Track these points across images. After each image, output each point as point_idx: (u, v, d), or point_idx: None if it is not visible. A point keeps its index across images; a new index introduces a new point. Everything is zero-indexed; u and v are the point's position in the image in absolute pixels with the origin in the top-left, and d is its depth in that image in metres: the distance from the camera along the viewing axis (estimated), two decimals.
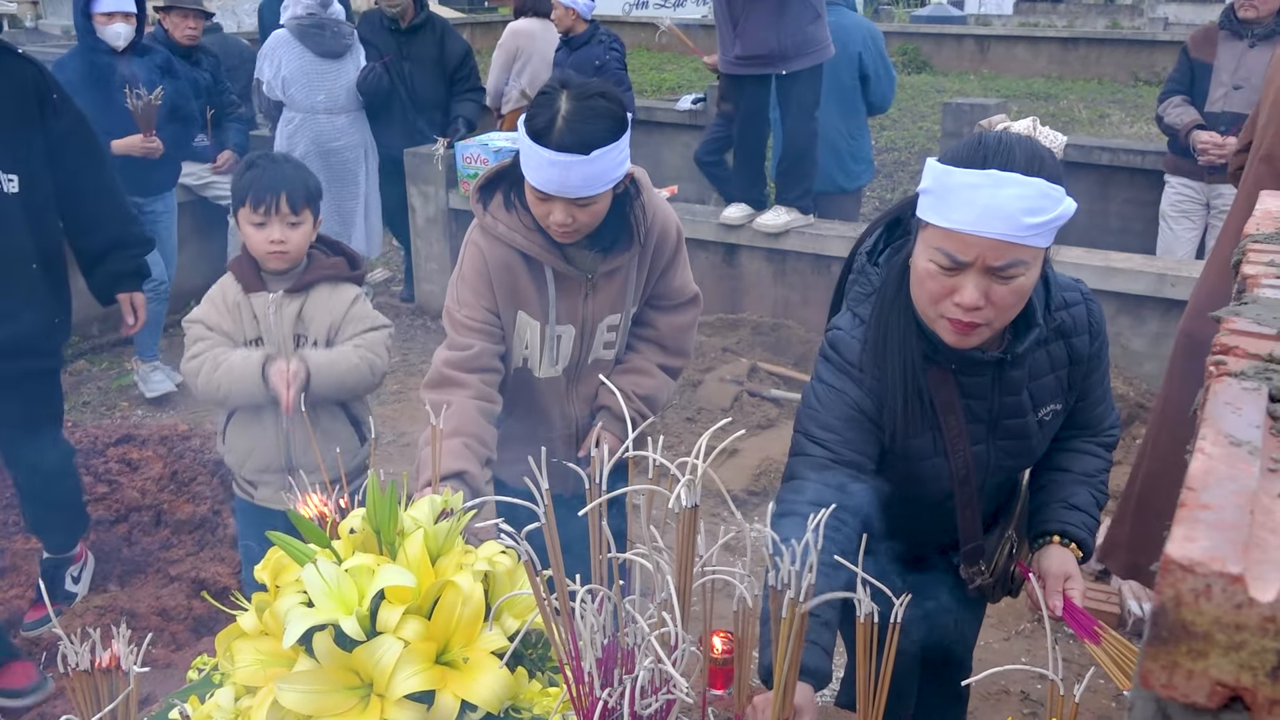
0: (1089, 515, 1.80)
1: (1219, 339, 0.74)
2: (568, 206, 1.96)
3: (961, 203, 1.46)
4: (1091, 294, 1.78)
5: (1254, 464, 0.55)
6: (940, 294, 1.53)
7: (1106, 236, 6.10)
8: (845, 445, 1.67)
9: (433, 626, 1.37)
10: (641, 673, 1.20)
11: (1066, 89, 12.61)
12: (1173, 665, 0.48)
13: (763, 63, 4.46)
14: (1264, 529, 0.50)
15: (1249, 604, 0.45)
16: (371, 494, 1.44)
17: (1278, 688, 0.46)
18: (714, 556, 1.34)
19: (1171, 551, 0.47)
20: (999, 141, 1.49)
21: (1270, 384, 0.66)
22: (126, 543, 3.30)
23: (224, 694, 1.42)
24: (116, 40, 4.33)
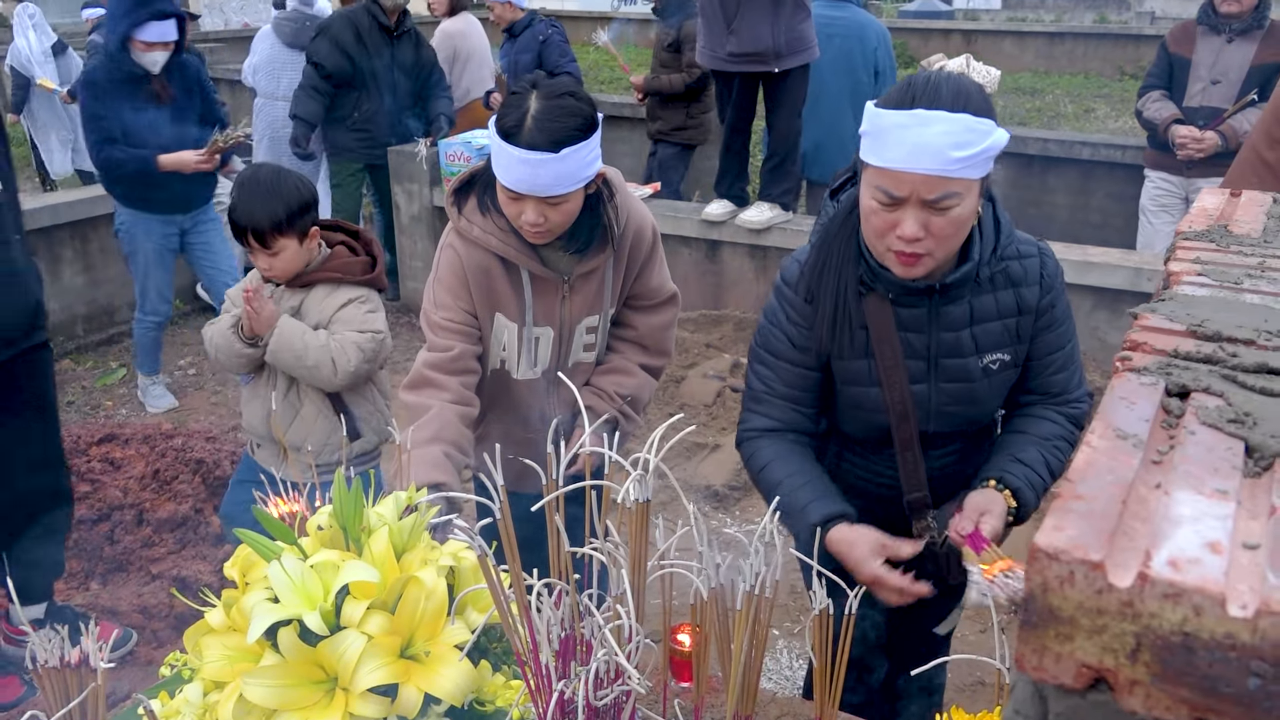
0: (1033, 471, 1.80)
1: (1129, 335, 0.76)
2: (539, 205, 1.98)
3: (893, 142, 1.58)
4: (1051, 251, 1.83)
5: (1136, 456, 0.58)
6: (884, 229, 1.64)
7: (1087, 231, 6.14)
8: (779, 380, 1.87)
9: (396, 621, 1.39)
10: (596, 664, 1.22)
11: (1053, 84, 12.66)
12: (1042, 648, 0.50)
13: (756, 60, 4.49)
14: (1136, 519, 0.52)
15: (1108, 589, 0.48)
16: (338, 491, 1.46)
17: (1137, 669, 0.48)
18: (671, 550, 1.37)
19: (1039, 540, 0.49)
20: (926, 82, 1.59)
21: (1169, 379, 0.68)
22: (108, 541, 3.32)
23: (192, 689, 1.44)
24: (154, 67, 4.27)
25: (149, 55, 4.23)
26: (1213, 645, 0.46)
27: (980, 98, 1.59)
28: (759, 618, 1.31)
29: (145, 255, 4.47)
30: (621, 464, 1.24)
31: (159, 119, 4.31)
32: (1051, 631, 0.50)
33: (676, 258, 5.29)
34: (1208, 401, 0.65)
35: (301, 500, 1.63)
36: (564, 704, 1.26)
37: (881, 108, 1.61)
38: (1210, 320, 0.78)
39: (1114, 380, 0.69)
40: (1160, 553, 0.49)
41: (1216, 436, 0.61)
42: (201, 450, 3.75)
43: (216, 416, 4.66)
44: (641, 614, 1.27)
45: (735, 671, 1.34)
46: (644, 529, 1.26)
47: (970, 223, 1.66)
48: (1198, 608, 0.46)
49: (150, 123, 4.29)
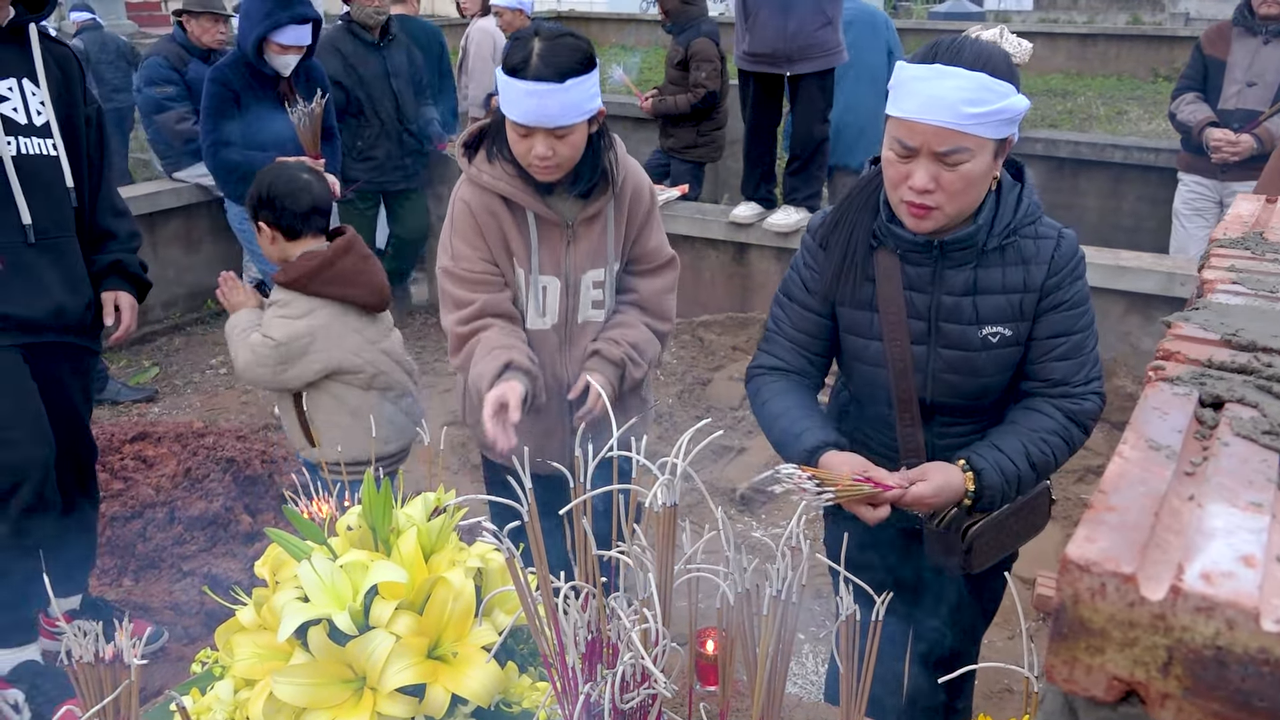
0: (1007, 458, 1.78)
1: (1162, 344, 0.76)
2: (547, 138, 2.08)
3: (909, 93, 1.64)
4: (1074, 239, 1.82)
5: (1169, 468, 0.57)
6: (898, 179, 1.70)
7: (1119, 234, 6.08)
8: (790, 323, 1.95)
9: (424, 621, 1.40)
10: (622, 668, 1.22)
11: (1085, 85, 12.53)
12: (1073, 660, 0.50)
13: (768, 61, 4.49)
14: (1169, 531, 0.52)
15: (1140, 602, 0.48)
16: (367, 492, 1.48)
17: (1169, 682, 0.48)
18: (698, 554, 1.37)
19: (1070, 551, 0.49)
20: (952, 42, 1.65)
21: (1203, 389, 0.68)
22: (141, 538, 3.36)
23: (223, 686, 1.46)
24: (286, 70, 4.28)
25: (283, 58, 4.24)
26: (1246, 660, 0.46)
27: (1003, 62, 1.63)
28: (785, 623, 1.30)
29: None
30: (650, 468, 1.25)
31: (281, 122, 4.26)
32: (1082, 643, 0.49)
33: (704, 260, 5.28)
34: (1242, 412, 0.65)
35: (331, 502, 1.65)
36: (590, 706, 1.27)
37: (908, 62, 1.67)
38: (1245, 329, 0.77)
39: (1147, 390, 0.68)
40: (1193, 566, 0.48)
41: (1251, 448, 0.60)
42: (232, 449, 3.79)
43: (247, 416, 4.70)
44: (668, 618, 1.27)
45: (761, 677, 1.34)
46: (671, 533, 1.26)
47: (983, 183, 1.69)
48: (1231, 621, 0.46)
49: (272, 125, 4.26)
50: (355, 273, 2.68)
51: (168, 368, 5.23)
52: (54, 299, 2.59)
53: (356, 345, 2.69)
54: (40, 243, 2.57)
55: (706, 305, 5.30)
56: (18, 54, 2.58)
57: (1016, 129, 1.71)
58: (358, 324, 2.71)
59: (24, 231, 2.53)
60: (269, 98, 4.30)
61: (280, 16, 4.16)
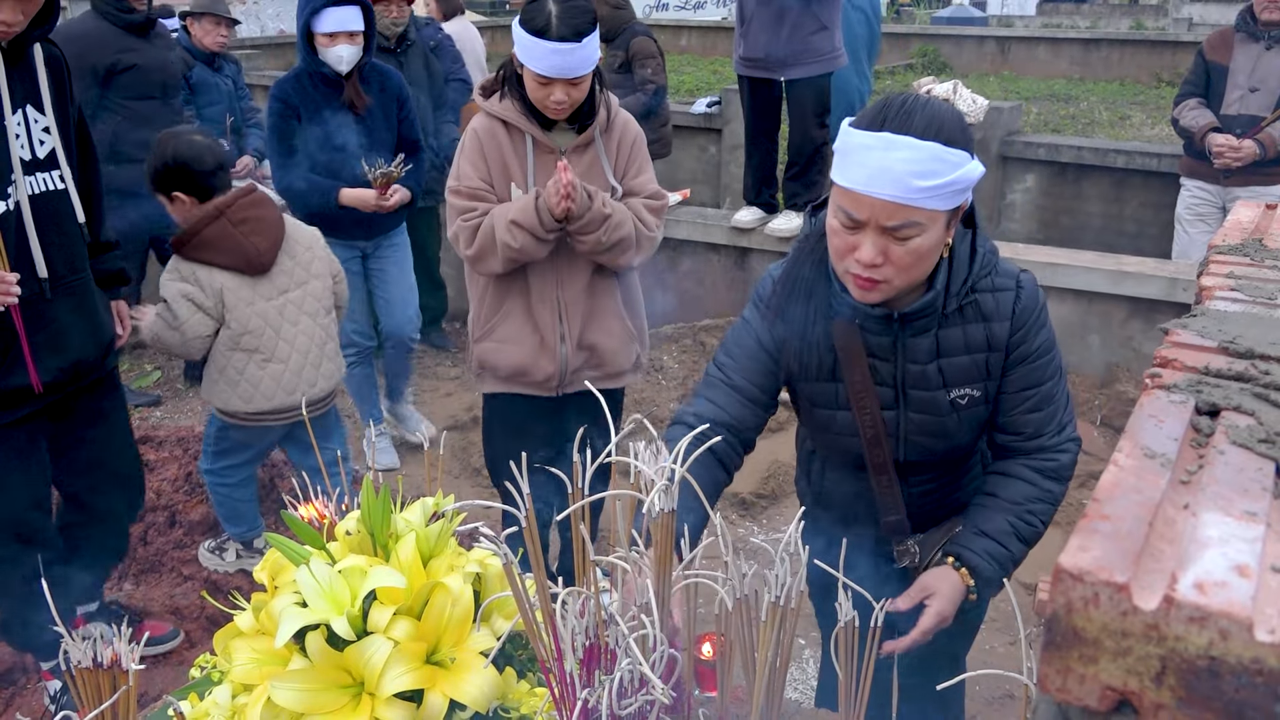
0: (997, 543, 1.74)
1: (1160, 351, 0.75)
2: (565, 87, 2.52)
3: (856, 163, 1.53)
4: (1032, 286, 1.74)
5: (1164, 476, 0.57)
6: (844, 250, 1.60)
7: (1122, 240, 6.07)
8: (738, 372, 1.81)
9: (423, 627, 1.40)
10: (620, 673, 1.22)
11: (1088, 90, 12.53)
12: (1066, 670, 0.50)
13: (762, 66, 4.51)
14: (1163, 540, 0.52)
15: (1133, 612, 0.47)
16: (366, 497, 1.48)
17: (1163, 692, 0.48)
18: (698, 559, 1.37)
19: (1063, 561, 0.49)
20: (901, 105, 1.54)
21: (1199, 396, 0.67)
22: (142, 542, 3.36)
23: (221, 691, 1.46)
24: (339, 64, 3.65)
25: (332, 50, 3.62)
26: (1239, 670, 0.46)
27: (956, 128, 1.54)
28: (784, 628, 1.30)
29: None
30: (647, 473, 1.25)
31: (347, 132, 3.73)
32: (1075, 653, 0.49)
33: (706, 265, 5.28)
34: (1238, 420, 0.64)
35: (330, 506, 1.65)
36: (588, 713, 1.27)
37: (854, 126, 1.57)
38: (1242, 337, 0.77)
39: (1143, 397, 0.68)
40: (1186, 575, 0.48)
41: (1247, 457, 0.60)
42: None
43: None
44: (665, 623, 1.27)
45: (760, 682, 1.34)
46: (669, 538, 1.26)
47: (934, 255, 1.61)
48: (1224, 632, 0.46)
49: (336, 137, 3.72)
50: (221, 238, 2.89)
51: (169, 372, 5.23)
52: (73, 354, 2.45)
53: (231, 304, 2.94)
54: (58, 292, 2.39)
55: (708, 309, 5.30)
56: (20, 74, 2.32)
57: (970, 194, 1.63)
58: (233, 285, 2.94)
59: (41, 285, 2.34)
60: (333, 107, 3.74)
61: (319, 1, 3.58)
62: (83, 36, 4.12)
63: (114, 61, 4.16)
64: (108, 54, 4.14)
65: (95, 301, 2.52)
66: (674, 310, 5.31)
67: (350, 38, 3.64)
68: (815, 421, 1.85)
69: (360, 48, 3.68)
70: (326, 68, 3.67)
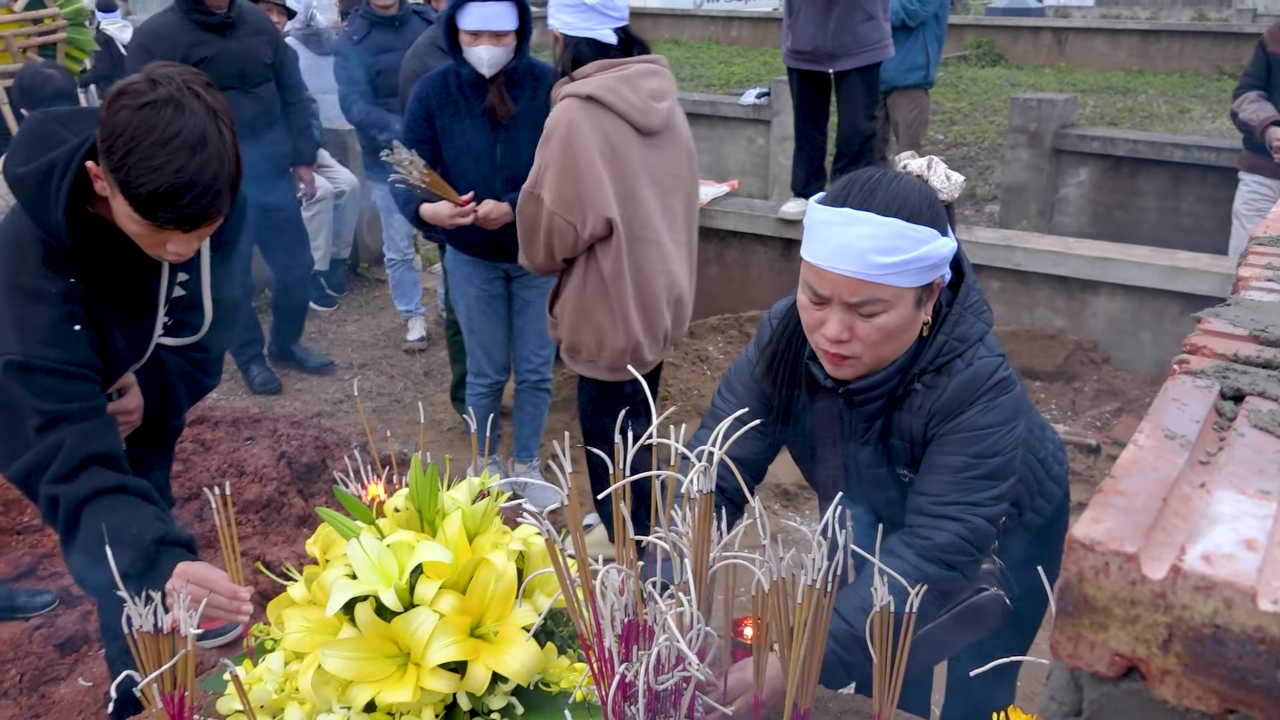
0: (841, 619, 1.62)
1: (1190, 339, 0.77)
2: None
3: (818, 239, 1.53)
4: (963, 383, 1.62)
5: (1182, 456, 0.59)
6: (812, 326, 1.59)
7: (1178, 235, 5.98)
8: (738, 406, 1.77)
9: (467, 601, 1.44)
10: (658, 648, 1.25)
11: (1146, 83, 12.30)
12: (1077, 636, 0.52)
13: (810, 58, 4.50)
14: (1176, 515, 0.54)
15: (1142, 580, 0.49)
16: (414, 475, 1.52)
17: (1169, 659, 0.50)
18: (736, 543, 1.40)
19: (1075, 531, 0.51)
20: (867, 180, 1.53)
21: (1225, 382, 0.69)
22: (198, 518, 3.46)
23: (274, 658, 1.52)
24: (482, 66, 3.24)
25: (474, 50, 3.21)
26: (1243, 638, 0.48)
27: (923, 204, 1.52)
28: (820, 612, 1.33)
29: (468, 304, 3.62)
30: (687, 455, 1.28)
31: (482, 142, 3.35)
32: (1086, 620, 0.51)
33: (752, 256, 5.29)
34: (1261, 405, 0.66)
35: (380, 483, 1.70)
36: (625, 687, 1.30)
37: (819, 202, 1.57)
38: (1275, 326, 0.78)
39: (1169, 382, 0.70)
40: (1195, 547, 0.50)
41: (1266, 439, 0.61)
42: (286, 435, 3.88)
43: (301, 403, 4.81)
44: (703, 602, 1.30)
45: (794, 665, 1.36)
46: (707, 519, 1.29)
47: (906, 332, 1.58)
48: (1229, 601, 0.48)
49: (473, 146, 3.36)
50: None
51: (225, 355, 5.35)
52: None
53: None
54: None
55: (754, 301, 5.31)
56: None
57: (947, 270, 1.61)
58: None
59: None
60: (475, 113, 3.35)
61: None
62: (158, 31, 4.34)
63: (185, 55, 4.25)
64: (180, 48, 4.26)
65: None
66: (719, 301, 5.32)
67: (496, 38, 3.22)
68: (800, 470, 1.91)
69: (509, 49, 3.26)
70: (470, 68, 3.28)
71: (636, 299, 2.92)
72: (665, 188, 2.95)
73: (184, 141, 1.66)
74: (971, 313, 1.65)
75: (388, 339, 5.61)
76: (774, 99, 7.26)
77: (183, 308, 2.10)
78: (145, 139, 1.65)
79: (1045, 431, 1.91)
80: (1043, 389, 4.62)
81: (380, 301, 6.13)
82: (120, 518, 1.78)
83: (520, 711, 1.44)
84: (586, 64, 2.82)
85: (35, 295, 1.84)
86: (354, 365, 5.28)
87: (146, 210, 1.69)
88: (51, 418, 1.80)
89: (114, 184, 1.70)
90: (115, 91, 1.70)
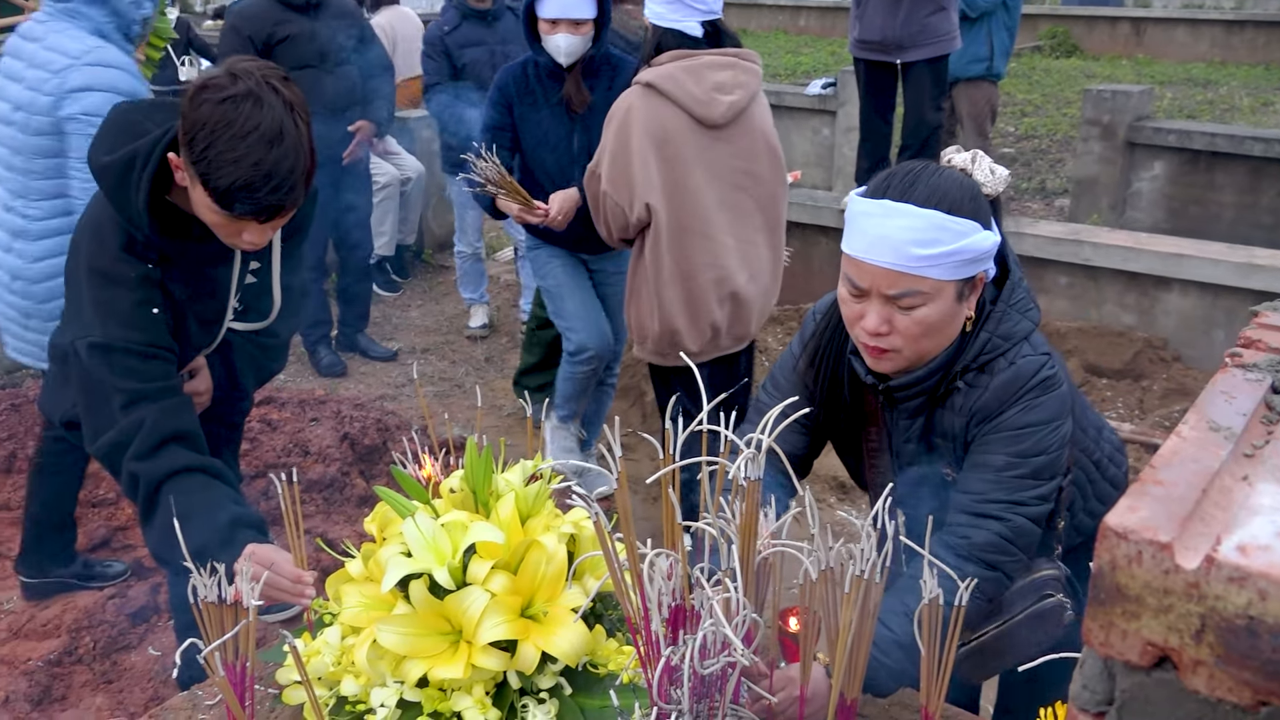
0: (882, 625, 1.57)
1: (1245, 332, 0.76)
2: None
3: (857, 230, 1.53)
4: (1006, 381, 1.60)
5: (1225, 448, 0.58)
6: (852, 319, 1.59)
7: (1257, 232, 5.80)
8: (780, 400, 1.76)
9: (518, 581, 1.47)
10: (704, 632, 1.27)
11: (1229, 75, 11.93)
12: (1109, 625, 0.52)
13: (878, 49, 4.46)
14: (1215, 507, 0.53)
15: (1175, 570, 0.49)
16: (470, 457, 1.56)
17: (1202, 649, 0.50)
18: (784, 531, 1.40)
19: (1109, 519, 0.51)
20: (907, 173, 1.52)
21: (1277, 376, 0.68)
22: (264, 496, 3.55)
23: (332, 632, 1.56)
24: (559, 55, 3.25)
25: (552, 39, 3.20)
26: (1277, 630, 0.47)
27: (965, 197, 1.51)
28: (867, 602, 1.33)
29: (556, 279, 3.56)
30: (735, 443, 1.28)
31: (559, 131, 3.34)
32: (1119, 609, 0.51)
33: (814, 247, 5.26)
34: None
35: (436, 464, 1.74)
36: (671, 671, 1.31)
37: (860, 195, 1.57)
38: None
39: (1218, 374, 0.69)
40: (1231, 538, 0.50)
41: None
42: (350, 417, 3.97)
43: (365, 386, 4.90)
44: (749, 588, 1.30)
45: (841, 654, 1.36)
46: (755, 507, 1.30)
47: (947, 327, 1.56)
48: (1263, 592, 0.47)
49: (550, 136, 3.36)
50: None
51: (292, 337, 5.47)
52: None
53: None
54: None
55: (814, 293, 5.27)
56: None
57: (991, 265, 1.59)
58: None
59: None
60: (552, 103, 3.33)
61: None
62: (245, 11, 4.57)
63: (270, 34, 4.44)
64: (265, 27, 4.44)
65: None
66: None
67: (574, 26, 3.19)
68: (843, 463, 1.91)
69: (587, 38, 3.24)
70: (547, 56, 3.28)
71: (679, 288, 2.94)
72: (732, 183, 2.94)
73: (262, 135, 1.71)
74: (1017, 310, 1.63)
75: (450, 324, 5.68)
76: (840, 89, 7.19)
77: (253, 294, 2.17)
78: (225, 132, 1.71)
79: (1102, 432, 1.87)
80: (1109, 387, 4.53)
81: (444, 288, 6.21)
82: (197, 498, 1.84)
83: (568, 692, 1.47)
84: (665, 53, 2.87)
85: (115, 280, 1.91)
86: (416, 350, 5.36)
87: (225, 201, 1.75)
88: (134, 396, 1.87)
89: (194, 175, 1.76)
90: (197, 85, 1.76)
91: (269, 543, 1.84)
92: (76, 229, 2.05)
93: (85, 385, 1.92)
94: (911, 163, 1.57)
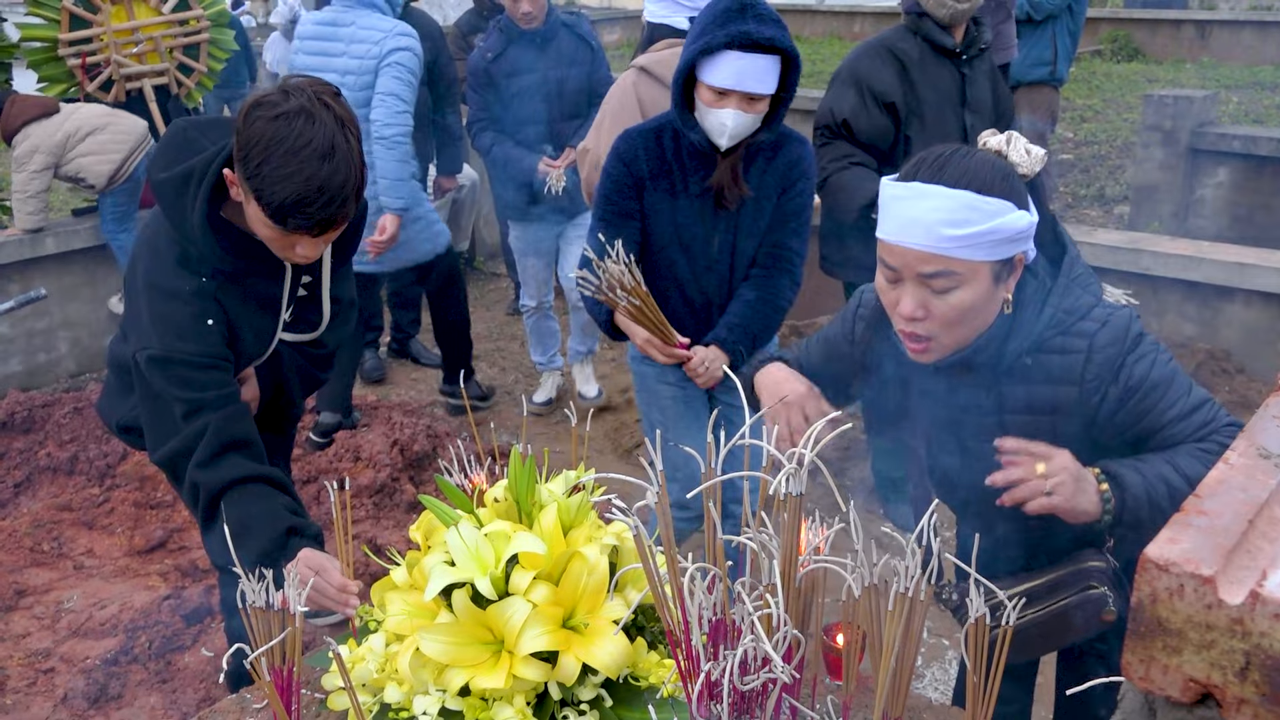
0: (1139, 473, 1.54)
1: None
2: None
3: (889, 214, 1.55)
4: (1110, 340, 1.57)
5: (1276, 476, 0.56)
6: (890, 305, 1.60)
7: None
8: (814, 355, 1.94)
9: (560, 592, 1.47)
10: (744, 648, 1.26)
11: None
12: (1149, 659, 0.50)
13: None
14: (1263, 538, 0.52)
15: (1218, 605, 0.48)
16: (513, 467, 1.56)
17: (1246, 688, 0.48)
18: (828, 546, 1.39)
19: (1149, 551, 0.50)
20: (937, 156, 1.53)
21: None
22: (315, 501, 3.60)
23: (376, 639, 1.57)
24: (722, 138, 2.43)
25: (716, 113, 2.37)
26: None
27: (995, 177, 1.50)
28: (911, 619, 1.30)
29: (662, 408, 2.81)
30: (778, 458, 1.27)
31: (695, 229, 2.54)
32: (1159, 643, 0.50)
33: None
34: None
35: (480, 475, 1.75)
36: (711, 685, 1.31)
37: (893, 180, 1.58)
38: None
39: (1270, 398, 0.66)
40: (1278, 573, 0.48)
41: None
42: (400, 423, 4.01)
43: (415, 393, 4.95)
44: (790, 603, 1.29)
45: (885, 671, 1.34)
46: (796, 522, 1.28)
47: (983, 310, 1.56)
48: None
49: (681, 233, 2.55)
50: None
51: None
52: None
53: None
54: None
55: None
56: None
57: (1030, 245, 1.57)
58: None
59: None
60: (694, 190, 2.54)
61: (715, 37, 2.31)
62: None
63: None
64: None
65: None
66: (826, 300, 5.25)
67: (749, 102, 2.37)
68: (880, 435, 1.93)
69: (758, 118, 2.42)
70: (700, 132, 2.45)
71: None
72: None
73: (314, 151, 1.74)
74: (1078, 285, 1.63)
75: (501, 332, 5.72)
76: None
77: (303, 306, 2.21)
78: (278, 149, 1.74)
79: None
80: None
81: (495, 295, 6.25)
82: (256, 508, 1.88)
83: (609, 704, 1.46)
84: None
85: (171, 293, 1.96)
86: None
87: (278, 216, 1.78)
88: (194, 405, 1.92)
89: (249, 191, 1.79)
90: (251, 103, 1.80)
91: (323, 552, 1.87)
92: (135, 244, 2.11)
93: (147, 396, 1.98)
94: (943, 146, 1.57)
